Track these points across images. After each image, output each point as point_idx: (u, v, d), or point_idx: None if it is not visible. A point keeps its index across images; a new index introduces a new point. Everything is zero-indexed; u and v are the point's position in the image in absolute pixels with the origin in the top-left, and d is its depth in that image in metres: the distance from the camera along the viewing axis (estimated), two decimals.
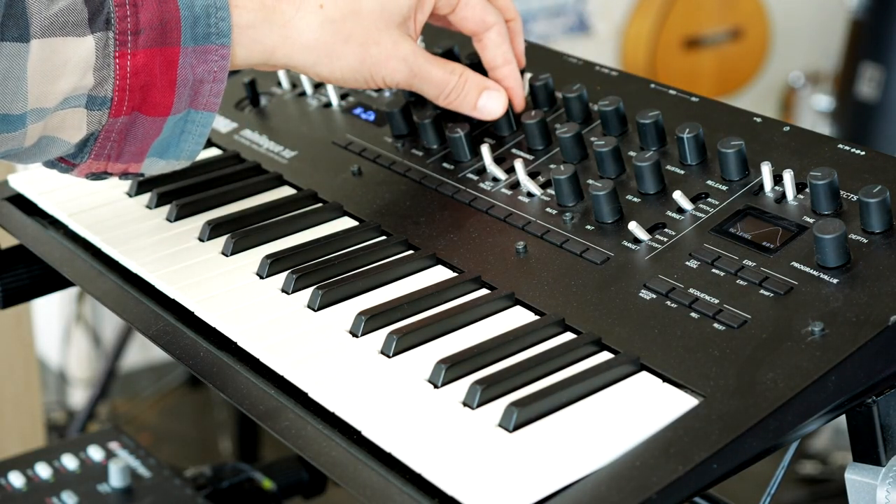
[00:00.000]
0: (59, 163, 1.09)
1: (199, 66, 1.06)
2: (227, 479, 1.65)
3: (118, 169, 1.10)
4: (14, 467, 1.60)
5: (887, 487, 0.96)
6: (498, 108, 1.23)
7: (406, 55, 1.16)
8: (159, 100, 1.05)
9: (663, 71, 4.00)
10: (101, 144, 1.07)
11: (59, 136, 1.05)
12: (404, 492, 0.90)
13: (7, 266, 1.36)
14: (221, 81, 1.08)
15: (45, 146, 1.06)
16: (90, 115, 1.04)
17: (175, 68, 1.05)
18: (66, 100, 1.03)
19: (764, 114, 1.18)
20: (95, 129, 1.05)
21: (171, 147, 1.10)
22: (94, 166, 1.09)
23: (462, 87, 1.21)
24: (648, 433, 0.90)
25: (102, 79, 1.03)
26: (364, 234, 1.17)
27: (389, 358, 1.01)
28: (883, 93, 3.45)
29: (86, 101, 1.04)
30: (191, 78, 1.06)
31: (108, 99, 1.04)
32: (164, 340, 1.09)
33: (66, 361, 3.46)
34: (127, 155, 1.08)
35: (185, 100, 1.07)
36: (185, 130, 1.09)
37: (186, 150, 1.11)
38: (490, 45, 1.24)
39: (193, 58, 1.06)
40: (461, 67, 1.21)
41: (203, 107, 1.08)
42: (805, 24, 4.38)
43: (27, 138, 1.03)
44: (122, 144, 1.07)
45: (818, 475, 3.13)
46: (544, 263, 1.09)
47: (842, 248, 0.99)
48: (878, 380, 0.94)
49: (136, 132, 1.07)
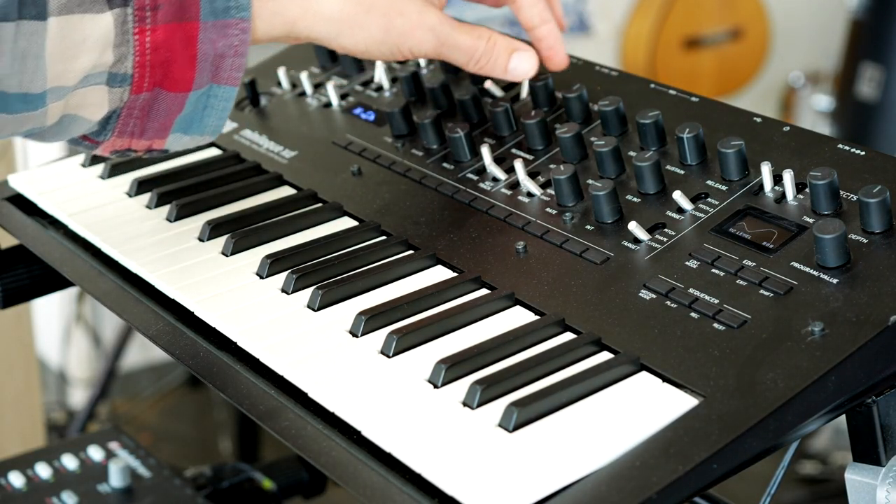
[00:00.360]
0: (83, 141, 1.08)
1: (220, 40, 1.05)
2: (227, 479, 1.65)
3: (142, 146, 1.09)
4: (14, 467, 1.60)
5: (887, 487, 0.96)
6: (529, 69, 1.21)
7: (433, 24, 1.14)
8: (180, 75, 1.05)
9: (663, 71, 4.00)
10: (123, 121, 1.06)
11: (80, 114, 1.05)
12: (404, 492, 0.90)
13: (7, 266, 1.36)
14: (242, 55, 1.07)
15: (67, 125, 1.05)
16: (111, 92, 1.04)
17: (195, 43, 1.04)
18: (86, 77, 1.02)
19: (764, 114, 1.18)
20: (117, 107, 1.05)
21: (194, 122, 1.09)
22: (117, 143, 1.08)
23: (491, 50, 1.19)
24: (648, 433, 0.90)
25: (122, 55, 1.03)
26: (364, 234, 1.17)
27: (389, 358, 1.01)
28: (883, 93, 3.45)
29: (106, 78, 1.03)
30: (211, 53, 1.05)
31: (128, 75, 1.03)
32: (164, 340, 1.09)
33: (66, 361, 3.46)
34: (150, 131, 1.08)
35: (206, 75, 1.06)
36: (207, 105, 1.08)
37: (210, 126, 1.10)
38: (525, 5, 1.22)
39: (213, 32, 1.04)
40: (488, 31, 1.19)
41: (225, 81, 1.07)
42: (805, 24, 4.38)
43: (48, 117, 1.03)
44: (144, 121, 1.07)
45: (818, 475, 3.13)
46: (544, 263, 1.09)
47: (842, 248, 0.99)
48: (878, 380, 0.94)
49: (158, 108, 1.06)
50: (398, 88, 1.37)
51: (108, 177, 1.34)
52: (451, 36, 1.16)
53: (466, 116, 1.28)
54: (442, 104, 1.31)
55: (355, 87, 1.40)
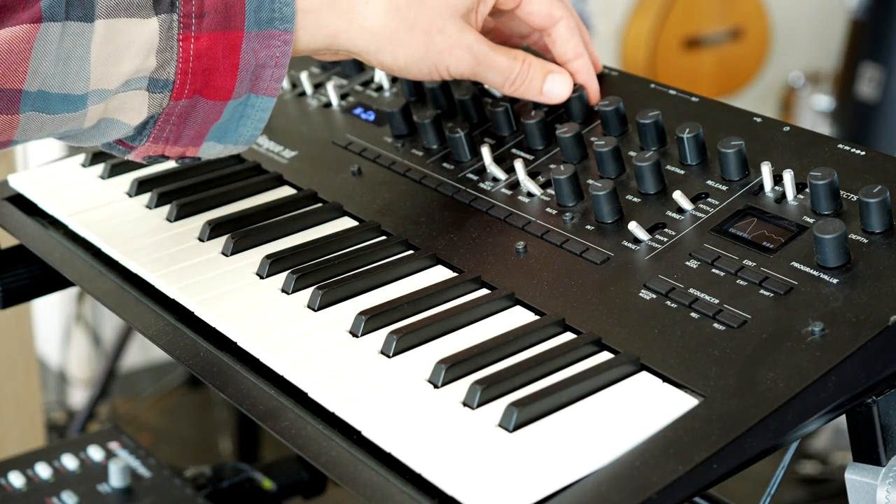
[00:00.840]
0: (117, 145, 1.09)
1: (262, 50, 1.05)
2: (227, 479, 1.65)
3: (175, 152, 1.10)
4: (14, 467, 1.60)
5: (887, 487, 0.96)
6: (564, 92, 1.22)
7: (470, 43, 1.15)
8: (221, 84, 1.05)
9: (663, 71, 4.00)
10: (160, 127, 1.07)
11: (118, 118, 1.05)
12: (404, 492, 0.90)
13: (7, 266, 1.36)
14: (283, 67, 1.07)
15: (104, 128, 1.05)
16: (151, 97, 1.04)
17: (238, 52, 1.04)
18: (127, 82, 1.03)
19: (764, 114, 1.18)
20: (156, 112, 1.05)
21: (229, 132, 1.09)
22: (151, 149, 1.09)
23: (527, 72, 1.19)
24: (648, 433, 0.90)
25: (165, 61, 1.03)
26: (364, 234, 1.17)
27: (389, 358, 1.01)
28: (883, 93, 3.45)
29: (147, 84, 1.03)
30: (253, 62, 1.06)
31: (170, 82, 1.04)
32: (164, 340, 1.09)
33: (66, 361, 3.46)
34: (185, 138, 1.08)
35: (246, 84, 1.06)
36: (244, 115, 1.09)
37: (245, 135, 1.10)
38: (559, 39, 1.23)
39: (256, 42, 1.05)
40: (524, 53, 1.20)
41: (264, 91, 1.08)
42: (805, 24, 4.38)
43: (87, 119, 1.03)
44: (181, 128, 1.07)
45: (818, 475, 3.13)
46: (544, 263, 1.09)
47: (842, 248, 0.99)
48: (878, 380, 0.94)
49: (195, 116, 1.06)
50: (398, 88, 1.37)
51: (108, 177, 1.34)
52: (488, 56, 1.16)
53: (466, 116, 1.28)
54: (442, 104, 1.31)
55: (355, 87, 1.40)
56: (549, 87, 1.21)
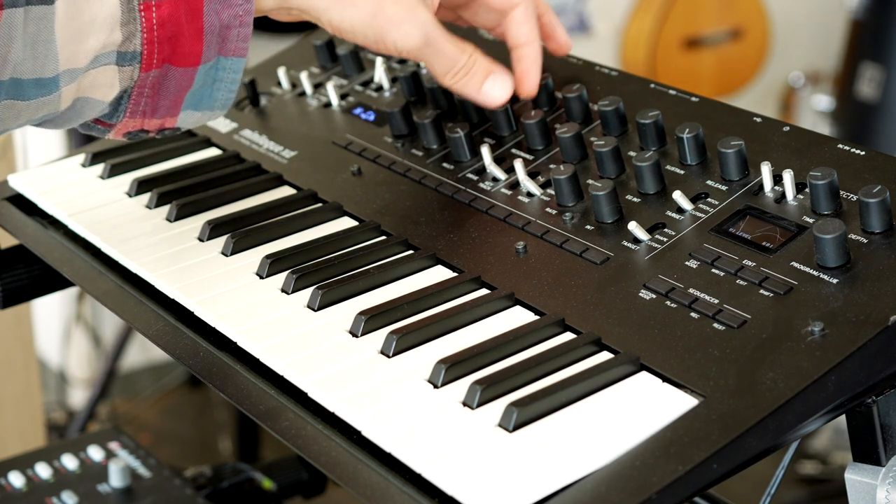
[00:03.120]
0: (96, 125, 1.09)
1: (224, 11, 1.06)
2: (227, 479, 1.65)
3: (154, 125, 1.10)
4: (14, 467, 1.60)
5: (887, 487, 0.96)
6: (502, 95, 1.20)
7: (423, 21, 1.13)
8: (188, 49, 1.05)
9: (663, 71, 4.00)
10: (135, 101, 1.07)
11: (92, 95, 1.05)
12: (404, 492, 0.90)
13: (7, 266, 1.36)
14: (248, 25, 1.07)
15: (80, 108, 1.06)
16: (121, 71, 1.05)
17: (201, 16, 1.05)
18: (96, 58, 1.03)
19: (764, 114, 1.18)
20: (128, 86, 1.06)
21: (204, 98, 1.10)
22: (130, 125, 1.09)
23: (470, 67, 1.18)
24: (648, 433, 0.90)
25: (130, 33, 1.03)
26: (364, 234, 1.17)
27: (389, 358, 1.01)
28: (883, 93, 3.45)
29: (116, 58, 1.04)
30: (217, 24, 1.06)
31: (137, 53, 1.04)
32: (164, 340, 1.10)
33: (66, 361, 3.46)
34: (162, 109, 1.08)
35: (213, 47, 1.07)
36: (216, 79, 1.09)
37: (220, 100, 1.10)
38: (513, 22, 1.22)
39: (218, 3, 1.05)
40: (472, 47, 1.18)
41: (232, 53, 1.08)
42: (805, 24, 4.38)
43: (62, 101, 1.03)
44: (155, 99, 1.07)
45: (818, 475, 3.13)
46: (544, 263, 1.09)
47: (842, 248, 0.99)
48: (878, 380, 0.94)
49: (168, 85, 1.07)
50: (398, 88, 1.37)
51: (108, 177, 1.34)
52: (437, 39, 1.15)
53: (466, 116, 1.28)
54: (442, 104, 1.31)
55: (355, 87, 1.40)
56: (488, 88, 1.19)
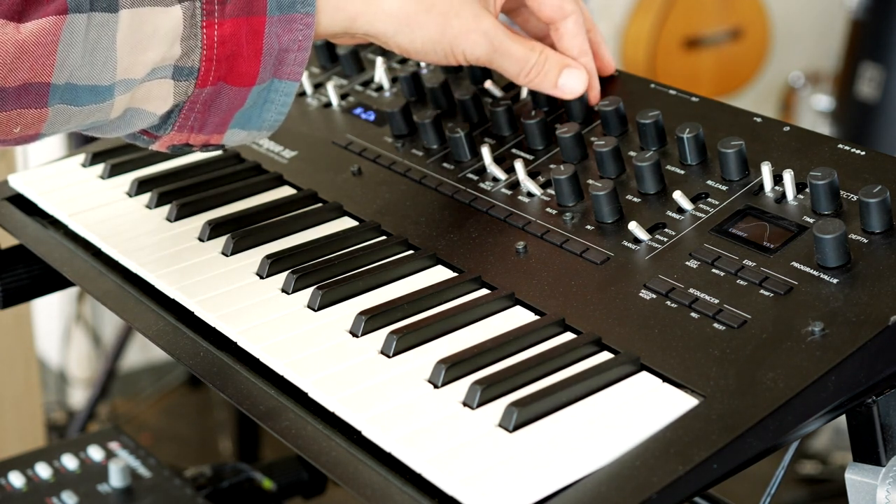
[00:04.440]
0: (142, 135, 1.09)
1: (285, 35, 1.06)
2: (227, 479, 1.65)
3: (200, 140, 1.10)
4: (14, 467, 1.60)
5: (887, 487, 0.96)
6: (579, 87, 1.20)
7: (487, 29, 1.14)
8: (245, 69, 1.05)
9: (663, 71, 4.00)
10: (185, 115, 1.07)
11: (144, 107, 1.05)
12: (404, 492, 0.90)
13: (7, 266, 1.36)
14: (306, 50, 1.07)
15: (130, 118, 1.06)
16: (177, 85, 1.04)
17: (261, 38, 1.05)
18: (153, 70, 1.03)
19: (764, 114, 1.18)
20: (181, 100, 1.06)
21: (253, 118, 1.09)
22: (176, 138, 1.09)
23: (543, 64, 1.18)
24: (648, 433, 0.90)
25: (190, 48, 1.03)
26: (364, 234, 1.17)
27: (389, 358, 1.01)
28: (883, 93, 3.45)
29: (172, 72, 1.04)
30: (276, 47, 1.06)
31: (195, 69, 1.04)
32: (164, 340, 1.09)
33: (66, 361, 3.46)
34: (210, 126, 1.08)
35: (269, 69, 1.07)
36: (267, 100, 1.09)
37: (269, 121, 1.10)
38: (566, 34, 1.22)
39: (279, 27, 1.05)
40: (541, 45, 1.19)
41: (287, 76, 1.08)
42: (805, 24, 4.38)
43: (114, 110, 1.03)
44: (205, 115, 1.07)
45: (818, 475, 3.13)
46: (544, 263, 1.09)
47: (842, 248, 0.99)
48: (878, 380, 0.94)
49: (220, 103, 1.07)
50: (398, 88, 1.37)
51: (108, 177, 1.34)
52: (504, 43, 1.16)
53: (466, 116, 1.28)
54: (442, 104, 1.31)
55: (355, 87, 1.40)
56: (564, 81, 1.20)
